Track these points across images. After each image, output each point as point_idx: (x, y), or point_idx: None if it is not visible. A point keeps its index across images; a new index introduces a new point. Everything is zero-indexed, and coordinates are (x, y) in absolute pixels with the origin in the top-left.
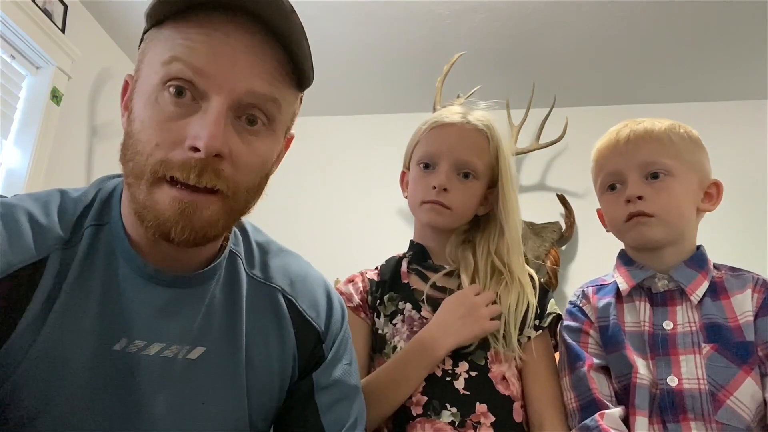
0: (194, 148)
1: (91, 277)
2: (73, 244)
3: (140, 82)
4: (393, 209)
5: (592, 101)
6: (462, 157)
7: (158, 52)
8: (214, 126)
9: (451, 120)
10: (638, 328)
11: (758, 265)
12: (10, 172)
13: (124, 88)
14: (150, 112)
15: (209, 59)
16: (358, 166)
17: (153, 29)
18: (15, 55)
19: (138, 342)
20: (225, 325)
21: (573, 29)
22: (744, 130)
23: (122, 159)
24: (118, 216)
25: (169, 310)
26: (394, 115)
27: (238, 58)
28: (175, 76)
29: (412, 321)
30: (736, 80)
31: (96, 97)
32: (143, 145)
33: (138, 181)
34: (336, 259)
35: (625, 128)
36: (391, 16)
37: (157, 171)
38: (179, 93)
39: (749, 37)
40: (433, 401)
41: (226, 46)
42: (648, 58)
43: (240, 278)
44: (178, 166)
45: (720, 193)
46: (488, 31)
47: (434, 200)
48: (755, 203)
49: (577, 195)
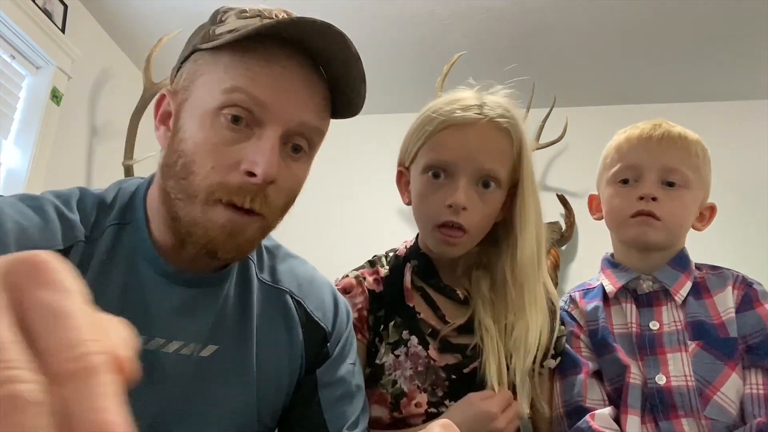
0: (251, 173)
1: (113, 274)
2: (93, 239)
3: (192, 102)
4: (393, 209)
5: (592, 101)
6: (484, 165)
7: (218, 78)
8: (271, 154)
9: (466, 119)
10: (626, 329)
11: (758, 265)
12: (10, 172)
13: (159, 102)
14: (206, 135)
15: (269, 91)
16: (358, 167)
17: (207, 52)
18: (15, 55)
19: (158, 339)
20: (237, 325)
21: (573, 29)
22: (744, 130)
23: (168, 175)
24: (141, 217)
25: (186, 309)
26: (394, 115)
27: (294, 91)
28: (235, 104)
29: (417, 358)
30: (736, 80)
31: (96, 97)
32: (198, 166)
33: (190, 199)
34: (336, 259)
35: (660, 127)
36: (392, 16)
37: (213, 192)
38: (236, 120)
39: (749, 37)
40: None
41: (284, 78)
42: (648, 58)
43: (251, 281)
44: (236, 190)
45: (712, 216)
46: (488, 31)
47: (451, 222)
48: (755, 203)
49: (577, 195)
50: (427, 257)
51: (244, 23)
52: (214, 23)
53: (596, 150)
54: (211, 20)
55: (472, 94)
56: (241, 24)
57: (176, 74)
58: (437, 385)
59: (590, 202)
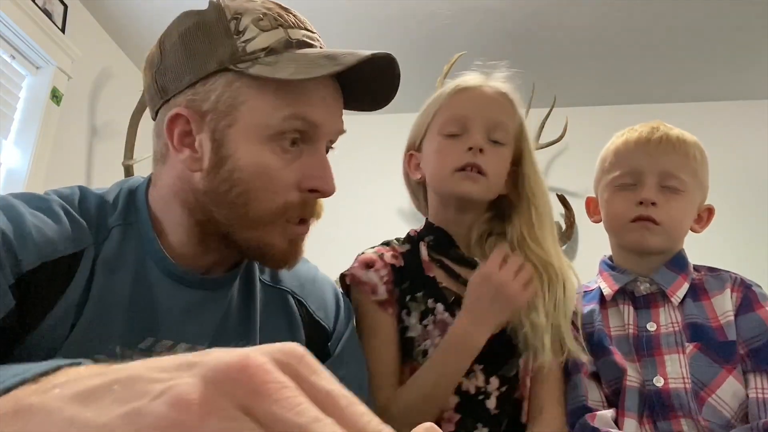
0: (314, 190)
1: (121, 275)
2: (99, 241)
3: (242, 129)
4: (393, 209)
5: (592, 101)
6: (495, 117)
7: (271, 105)
8: (329, 170)
9: (475, 83)
10: (623, 331)
11: (758, 265)
12: (10, 172)
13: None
14: (267, 162)
15: (322, 112)
16: (358, 167)
17: (246, 77)
18: (15, 55)
19: (165, 342)
20: (240, 326)
21: (573, 29)
22: (744, 130)
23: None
24: (146, 218)
25: (193, 311)
26: (395, 115)
27: (335, 107)
28: (295, 129)
29: (444, 326)
30: (736, 80)
31: (96, 97)
32: (259, 193)
33: (252, 225)
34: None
35: (658, 131)
36: (392, 16)
37: (280, 216)
38: (293, 143)
39: (749, 37)
40: (466, 420)
41: (329, 97)
42: (648, 58)
43: (254, 282)
44: (300, 208)
45: (710, 218)
46: (488, 31)
47: (470, 163)
48: (755, 203)
49: (577, 195)
50: (442, 231)
51: (272, 39)
52: (231, 33)
53: (596, 150)
54: (221, 25)
55: (478, 74)
56: (273, 39)
57: (189, 87)
58: None
59: (588, 205)
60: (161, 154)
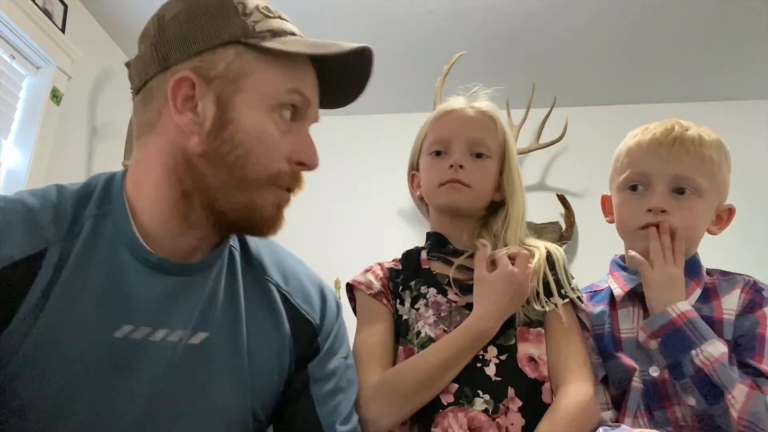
0: (301, 164)
1: (90, 266)
2: (73, 236)
3: (248, 97)
4: (393, 209)
5: (592, 101)
6: (474, 135)
7: (278, 79)
8: (314, 147)
9: (457, 106)
10: (632, 334)
11: (758, 265)
12: (10, 172)
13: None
14: (269, 129)
15: (313, 93)
16: (358, 167)
17: (254, 50)
18: (15, 55)
19: (144, 328)
20: (226, 314)
21: (573, 29)
22: (744, 130)
23: (214, 163)
24: (121, 207)
25: (172, 297)
26: (394, 115)
27: (317, 91)
28: (294, 103)
29: (438, 306)
30: (736, 80)
31: (96, 97)
32: (258, 156)
33: (246, 185)
34: (336, 259)
35: (672, 131)
36: (391, 16)
37: (275, 180)
38: (291, 116)
39: (749, 37)
40: (464, 388)
41: (315, 81)
42: (648, 58)
43: (237, 273)
44: (291, 177)
45: (730, 219)
46: (488, 31)
47: (452, 179)
48: (755, 203)
49: (577, 195)
50: (439, 234)
51: (275, 24)
52: (239, 13)
53: (596, 150)
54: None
55: (462, 98)
56: (276, 25)
57: (197, 56)
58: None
59: (603, 204)
60: (149, 122)
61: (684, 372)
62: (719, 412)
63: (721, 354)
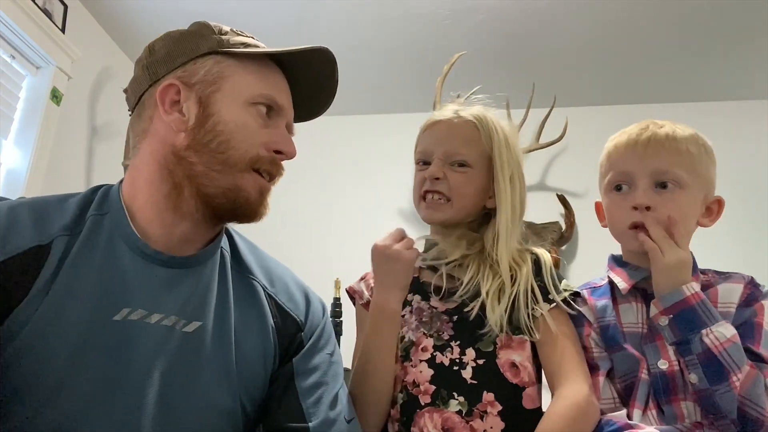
0: (279, 152)
1: (92, 255)
2: (77, 232)
3: (226, 94)
4: (393, 209)
5: (592, 101)
6: (450, 148)
7: (251, 82)
8: (291, 140)
9: (441, 117)
10: (636, 329)
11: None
12: (10, 172)
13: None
14: (245, 119)
15: (283, 97)
16: (358, 167)
17: (229, 57)
18: (15, 55)
19: (141, 311)
20: (217, 307)
21: (573, 29)
22: (744, 130)
23: (200, 151)
24: (118, 206)
25: (167, 286)
26: (394, 115)
27: (288, 96)
28: (269, 102)
29: (420, 311)
30: (736, 80)
31: (96, 97)
32: (238, 142)
33: (229, 169)
34: (336, 259)
35: (646, 131)
36: (391, 16)
37: (254, 163)
38: (267, 111)
39: (749, 37)
40: (440, 390)
41: (285, 86)
42: (648, 58)
43: (228, 272)
44: (269, 163)
45: (720, 210)
46: (488, 31)
47: (428, 189)
48: (755, 203)
49: (577, 195)
50: (432, 242)
51: (248, 40)
52: (215, 32)
53: (596, 150)
54: (207, 28)
55: (454, 105)
56: (246, 40)
57: (179, 67)
58: (442, 330)
59: (597, 210)
60: (143, 130)
61: (692, 349)
62: (722, 391)
63: (733, 335)
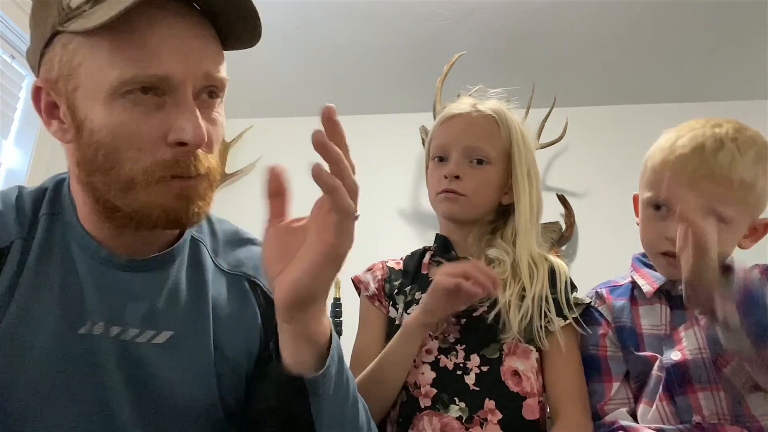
0: (181, 143)
1: (49, 265)
2: (31, 235)
3: (86, 91)
4: (393, 209)
5: (592, 101)
6: (470, 143)
7: (105, 62)
8: (195, 118)
9: (459, 110)
10: (658, 331)
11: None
12: (10, 172)
13: (36, 95)
14: (119, 119)
15: (164, 61)
16: (358, 166)
17: (76, 35)
18: (15, 55)
19: (100, 324)
20: (191, 310)
21: (573, 29)
22: None
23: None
24: (69, 206)
25: (129, 294)
26: (394, 115)
27: (188, 48)
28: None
29: None
30: (736, 80)
31: None
32: (124, 152)
33: (128, 188)
34: None
35: (701, 152)
36: (391, 16)
37: (153, 173)
38: (144, 91)
39: (749, 37)
40: (442, 394)
41: (173, 39)
42: (648, 58)
43: (205, 265)
44: (173, 164)
45: (764, 233)
46: (488, 31)
47: (446, 189)
48: None
49: (577, 195)
50: (445, 238)
51: None
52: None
53: (596, 150)
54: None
55: (470, 99)
56: None
57: (40, 60)
58: (449, 332)
59: (634, 203)
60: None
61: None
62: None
63: None
